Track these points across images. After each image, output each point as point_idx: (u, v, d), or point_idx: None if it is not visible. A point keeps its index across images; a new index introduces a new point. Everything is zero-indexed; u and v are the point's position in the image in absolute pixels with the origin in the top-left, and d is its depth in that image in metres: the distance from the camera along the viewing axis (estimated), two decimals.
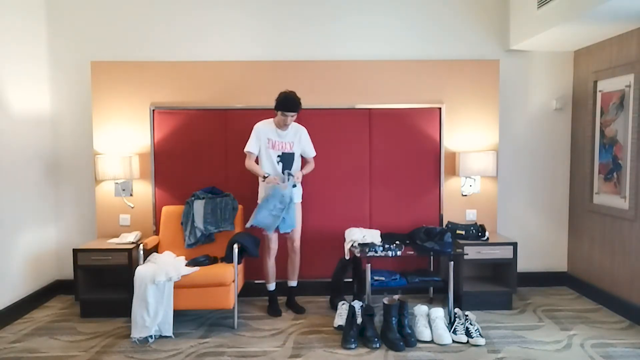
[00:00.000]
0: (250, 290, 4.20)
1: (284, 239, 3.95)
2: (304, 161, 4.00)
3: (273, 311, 3.91)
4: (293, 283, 4.07)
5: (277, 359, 3.16)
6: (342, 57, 4.38)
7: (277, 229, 3.79)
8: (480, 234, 4.03)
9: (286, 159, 3.87)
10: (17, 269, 3.94)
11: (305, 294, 4.24)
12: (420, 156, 4.33)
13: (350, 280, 4.12)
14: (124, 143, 4.25)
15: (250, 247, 3.73)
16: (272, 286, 3.98)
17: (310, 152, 3.98)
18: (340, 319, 3.63)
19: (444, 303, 4.01)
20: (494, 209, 4.39)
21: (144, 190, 4.28)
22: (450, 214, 4.37)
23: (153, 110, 4.24)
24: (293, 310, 3.98)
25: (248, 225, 3.75)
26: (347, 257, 3.93)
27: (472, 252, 3.92)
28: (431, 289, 4.27)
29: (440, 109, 4.31)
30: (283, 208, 3.72)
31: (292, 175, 3.80)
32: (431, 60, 4.38)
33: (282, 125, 3.79)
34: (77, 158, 4.42)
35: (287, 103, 3.69)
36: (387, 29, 4.42)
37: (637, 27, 3.66)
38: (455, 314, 3.59)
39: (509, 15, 4.42)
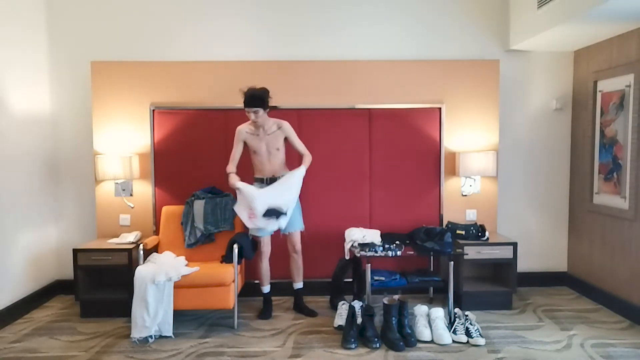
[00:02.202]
0: (250, 290, 4.20)
1: (283, 241, 3.95)
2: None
3: (262, 314, 3.86)
4: (299, 285, 4.01)
5: (277, 359, 3.16)
6: (342, 57, 4.38)
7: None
8: (480, 234, 4.03)
9: None
10: (17, 269, 3.94)
11: (306, 294, 4.23)
12: (420, 156, 4.33)
13: (350, 280, 4.12)
14: (124, 143, 4.25)
15: (247, 249, 3.72)
16: (266, 288, 3.94)
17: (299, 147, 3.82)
18: (340, 319, 3.63)
19: (444, 303, 4.00)
20: (494, 209, 4.39)
21: (144, 190, 4.28)
22: (450, 214, 4.37)
23: (153, 110, 4.24)
24: (304, 313, 3.92)
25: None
26: (347, 257, 3.93)
27: (472, 252, 3.92)
28: (431, 289, 4.27)
29: (440, 109, 4.31)
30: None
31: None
32: (431, 60, 4.38)
33: (251, 124, 3.70)
34: (77, 158, 4.42)
35: (244, 98, 3.59)
36: (387, 29, 4.41)
37: (637, 27, 3.66)
38: (455, 314, 3.59)
39: (509, 15, 4.42)
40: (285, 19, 4.38)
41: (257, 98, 3.59)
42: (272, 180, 3.76)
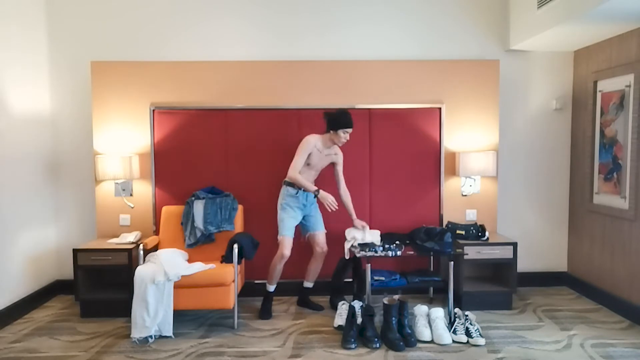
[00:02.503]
0: (250, 291, 4.20)
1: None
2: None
3: (264, 313, 3.86)
4: (309, 284, 4.06)
5: (277, 359, 3.16)
6: (342, 57, 4.38)
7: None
8: (480, 234, 4.03)
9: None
10: (17, 269, 3.94)
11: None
12: (420, 156, 4.33)
13: (350, 280, 4.12)
14: (124, 143, 4.25)
15: (247, 249, 3.72)
16: (272, 287, 3.94)
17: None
18: (340, 319, 3.63)
19: (444, 303, 4.01)
20: (494, 209, 4.39)
21: (144, 190, 4.28)
22: (450, 214, 4.37)
23: (153, 110, 4.24)
24: (309, 307, 4.01)
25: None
26: (347, 257, 3.93)
27: (472, 252, 3.92)
28: (431, 289, 4.27)
29: (440, 109, 4.31)
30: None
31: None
32: (431, 60, 4.38)
33: (338, 143, 3.86)
34: (77, 158, 4.42)
35: (346, 119, 3.75)
36: (387, 29, 4.42)
37: (637, 27, 3.66)
38: (455, 314, 3.59)
39: (509, 15, 4.42)
40: (285, 19, 4.38)
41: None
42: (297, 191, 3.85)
